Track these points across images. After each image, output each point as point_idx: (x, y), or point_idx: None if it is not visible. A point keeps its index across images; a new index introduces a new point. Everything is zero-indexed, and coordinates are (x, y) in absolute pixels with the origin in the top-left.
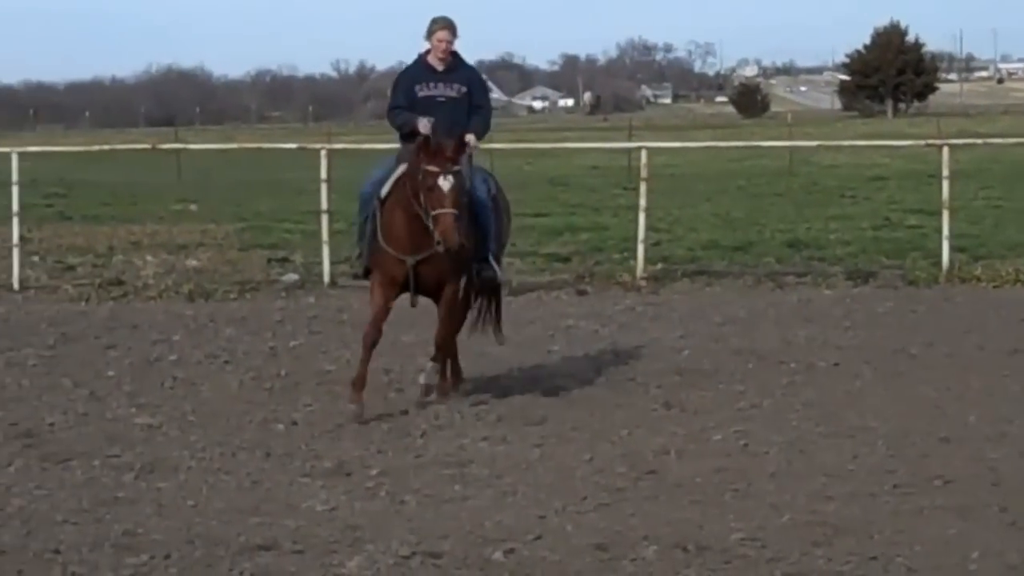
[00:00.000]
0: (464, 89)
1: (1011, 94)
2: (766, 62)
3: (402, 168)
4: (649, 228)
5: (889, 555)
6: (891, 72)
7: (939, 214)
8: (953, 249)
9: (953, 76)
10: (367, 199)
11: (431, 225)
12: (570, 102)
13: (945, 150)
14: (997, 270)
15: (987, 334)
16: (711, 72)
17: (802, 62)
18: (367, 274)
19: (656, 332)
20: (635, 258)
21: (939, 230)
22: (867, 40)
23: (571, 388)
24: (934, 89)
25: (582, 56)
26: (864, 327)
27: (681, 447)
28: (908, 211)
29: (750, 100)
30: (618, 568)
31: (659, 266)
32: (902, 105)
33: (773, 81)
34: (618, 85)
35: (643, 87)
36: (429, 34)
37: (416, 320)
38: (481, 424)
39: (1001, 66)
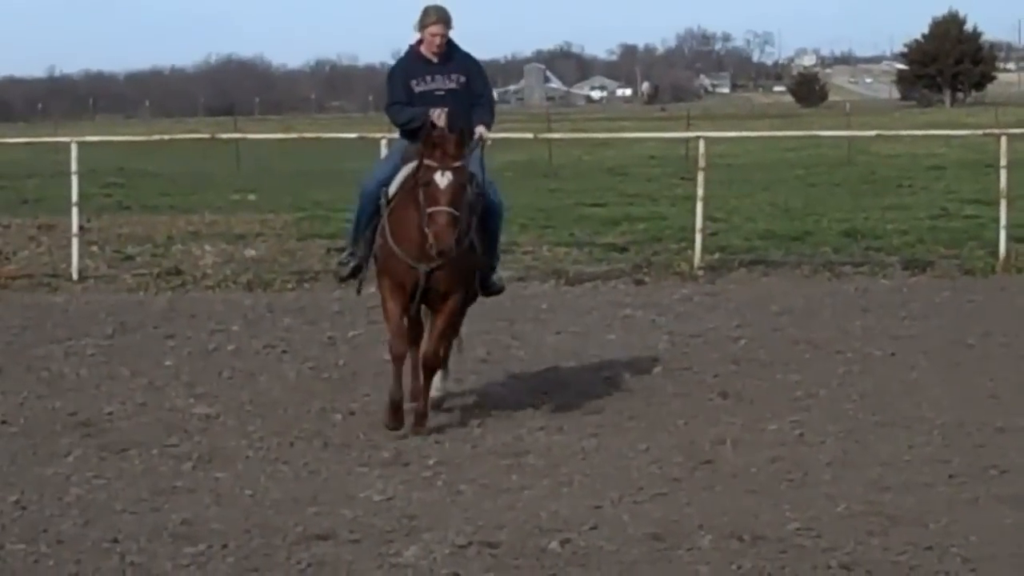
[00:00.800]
0: (463, 79)
1: None
2: (824, 52)
3: (411, 166)
4: (706, 218)
5: (944, 545)
6: (949, 62)
7: (996, 204)
8: (1010, 239)
9: (1011, 66)
10: (370, 197)
11: (425, 225)
12: (628, 92)
13: (1003, 139)
14: None
15: None
16: (769, 62)
17: (860, 52)
18: (355, 274)
19: (713, 322)
20: (692, 248)
21: (996, 220)
22: (925, 30)
23: (628, 378)
24: (992, 79)
25: (640, 46)
26: (920, 317)
27: (737, 437)
28: (965, 201)
29: (808, 90)
30: (673, 558)
31: (716, 256)
32: (960, 95)
33: (830, 70)
34: (676, 75)
35: (701, 76)
36: (421, 26)
37: None
38: (538, 414)
39: None
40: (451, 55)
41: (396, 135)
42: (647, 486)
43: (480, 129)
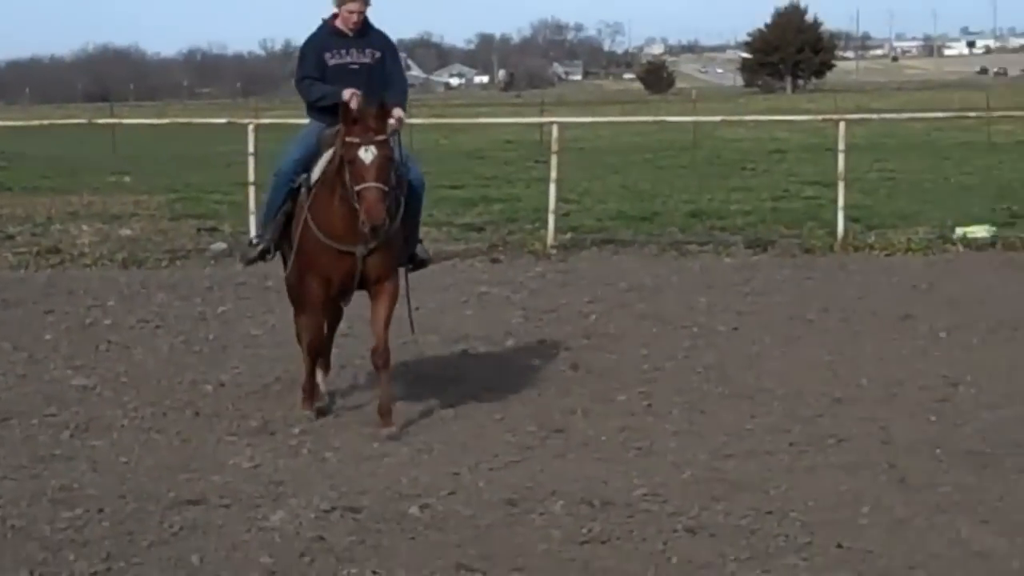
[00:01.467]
0: (378, 55)
1: (905, 71)
2: (672, 41)
3: (332, 152)
4: (559, 199)
5: (784, 510)
6: (791, 50)
7: (835, 186)
8: (848, 219)
9: (850, 54)
10: (285, 179)
11: (356, 204)
12: (485, 79)
13: (841, 125)
14: (889, 239)
15: (879, 300)
16: (619, 50)
17: (706, 41)
18: (262, 257)
19: (565, 298)
20: (546, 228)
21: (835, 201)
22: (768, 20)
23: (483, 351)
24: (831, 66)
25: (497, 35)
26: (762, 293)
27: (587, 407)
28: (805, 183)
29: (656, 77)
30: (527, 522)
31: (568, 235)
32: (801, 82)
33: (678, 59)
34: (531, 63)
35: (555, 65)
36: (339, 2)
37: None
38: (398, 384)
39: (896, 44)
40: (366, 31)
41: (263, 121)
42: (502, 453)
43: (397, 110)
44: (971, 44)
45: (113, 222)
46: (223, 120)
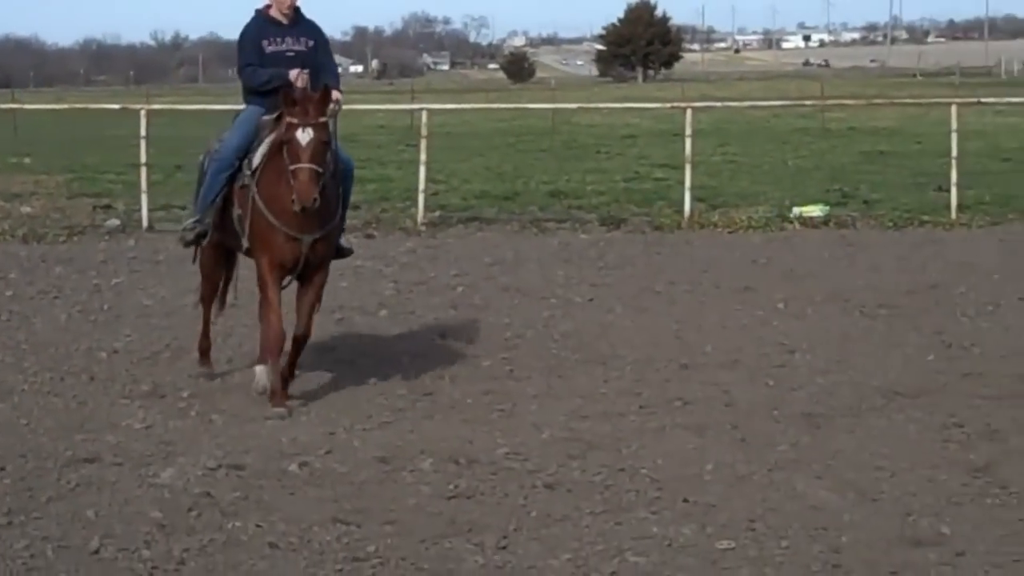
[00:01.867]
0: (311, 43)
1: (746, 62)
2: (533, 34)
3: (275, 135)
4: (429, 180)
5: (635, 467)
6: (641, 43)
7: (682, 168)
8: (694, 199)
9: (696, 47)
10: (226, 164)
11: (291, 182)
12: (360, 68)
13: (688, 112)
14: (732, 217)
15: (722, 273)
16: (484, 42)
17: (565, 34)
18: (197, 241)
19: (433, 271)
20: (416, 206)
21: (682, 182)
22: (621, 15)
23: (358, 320)
24: (679, 58)
25: (371, 27)
26: (615, 267)
27: (454, 372)
28: (655, 165)
29: (518, 67)
30: (398, 479)
31: (437, 213)
32: (651, 72)
33: (538, 51)
34: (402, 54)
35: (424, 55)
36: None
37: None
38: None
39: (738, 38)
40: (299, 20)
41: (154, 107)
42: (375, 415)
43: (337, 94)
44: (807, 38)
45: (14, 200)
46: (117, 106)
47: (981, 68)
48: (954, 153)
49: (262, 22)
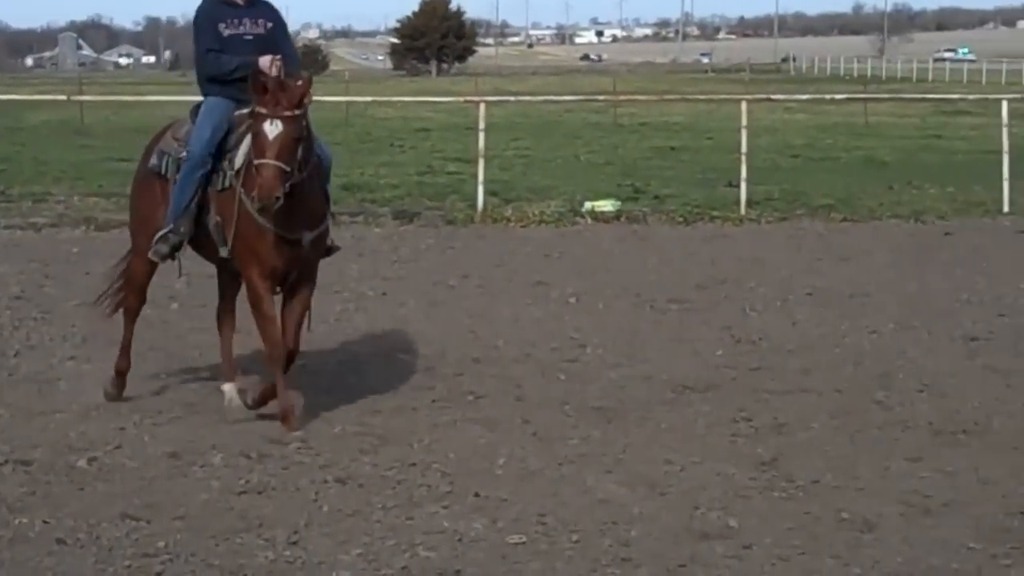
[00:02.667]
0: (270, 25)
1: (539, 57)
2: (327, 26)
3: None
4: None
5: (427, 462)
6: (436, 36)
7: (475, 162)
8: (487, 193)
9: (490, 41)
10: (199, 164)
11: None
12: (152, 59)
13: (482, 106)
14: (524, 211)
15: (514, 268)
16: None
17: (359, 26)
18: (173, 254)
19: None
20: None
21: (475, 176)
22: (415, 8)
23: (150, 314)
24: (473, 52)
25: (164, 18)
26: (409, 261)
27: (246, 367)
28: (448, 159)
29: (312, 60)
30: (189, 473)
31: None
32: (445, 66)
33: (328, 42)
34: (192, 44)
35: None
36: None
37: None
38: (69, 345)
39: (532, 32)
40: (254, 1)
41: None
42: (165, 411)
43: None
44: (599, 33)
45: None
46: None
47: (771, 65)
48: (744, 149)
49: (215, 4)
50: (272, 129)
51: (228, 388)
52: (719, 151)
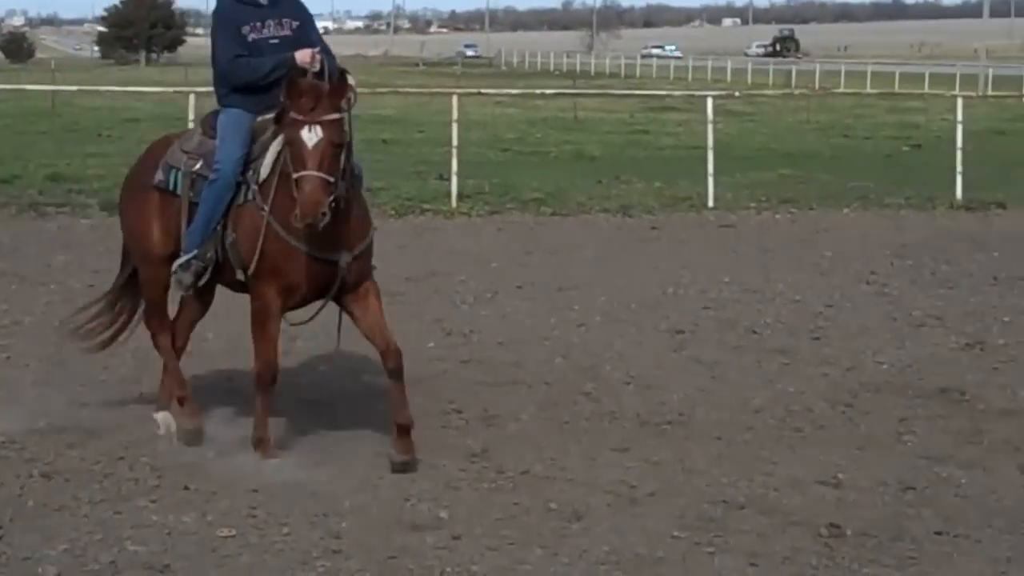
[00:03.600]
0: (296, 24)
1: None
2: (32, 13)
3: (280, 141)
4: None
5: (135, 455)
6: (145, 26)
7: None
8: None
9: (200, 31)
10: (228, 184)
11: (295, 193)
12: None
13: (191, 97)
14: None
15: None
16: None
17: (65, 14)
18: (197, 280)
19: None
20: None
21: None
22: None
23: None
24: (183, 42)
25: None
26: (117, 252)
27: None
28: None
29: (18, 47)
30: None
31: None
32: (154, 55)
33: (34, 30)
34: None
35: None
36: None
37: None
38: None
39: None
40: None
41: None
42: None
43: (352, 81)
44: None
45: None
46: None
47: (483, 59)
48: (455, 143)
49: (236, 3)
50: (311, 136)
51: (162, 415)
52: (430, 144)
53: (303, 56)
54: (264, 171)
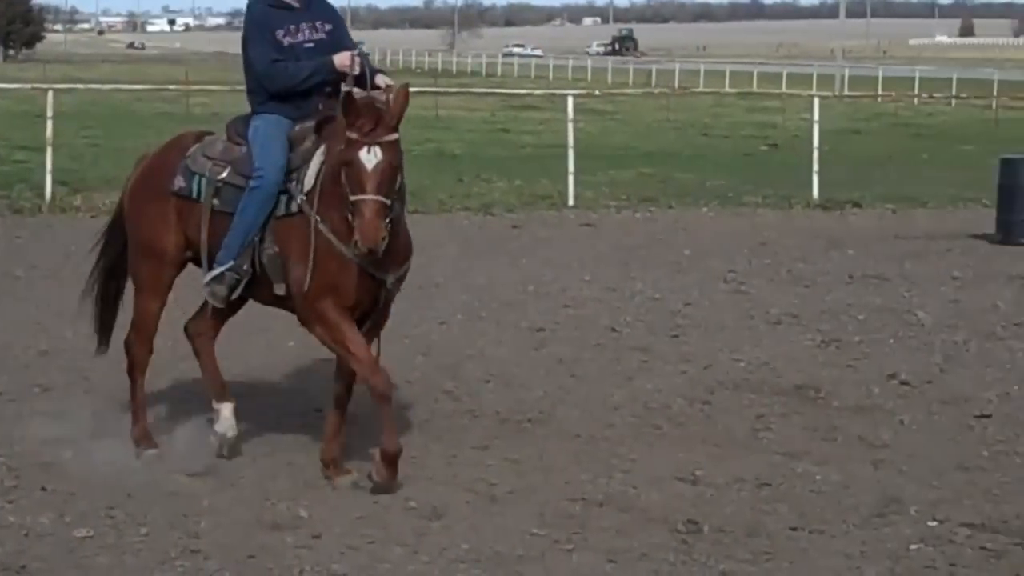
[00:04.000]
0: (329, 27)
1: (110, 44)
2: None
3: (323, 150)
4: None
5: None
6: (2, 22)
7: (43, 150)
8: (56, 182)
9: (59, 27)
10: (271, 193)
11: (350, 216)
12: None
13: (50, 93)
14: (95, 201)
15: (84, 259)
16: None
17: None
18: (231, 292)
19: None
20: None
21: (44, 165)
22: None
23: None
24: (41, 38)
25: None
26: None
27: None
28: (16, 147)
29: None
30: None
31: None
32: (12, 52)
33: None
34: None
35: None
36: None
37: None
38: None
39: (102, 19)
40: (310, 2)
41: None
42: None
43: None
44: (172, 22)
45: None
46: None
47: None
48: None
49: (267, 8)
50: (370, 158)
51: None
52: None
53: (342, 59)
54: (308, 181)
